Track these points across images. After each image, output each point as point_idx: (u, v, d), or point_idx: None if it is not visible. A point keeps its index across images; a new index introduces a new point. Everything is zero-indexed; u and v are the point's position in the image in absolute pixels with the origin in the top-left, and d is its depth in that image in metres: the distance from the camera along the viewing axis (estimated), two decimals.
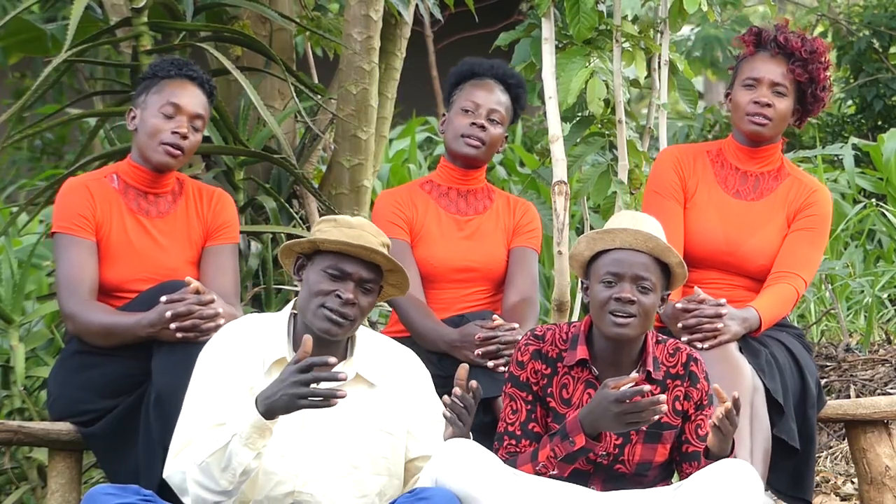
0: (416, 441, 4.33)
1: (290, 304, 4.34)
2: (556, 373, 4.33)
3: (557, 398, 4.32)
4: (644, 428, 4.27)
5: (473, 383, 4.18)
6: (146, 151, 4.93)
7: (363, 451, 4.25)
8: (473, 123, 5.10)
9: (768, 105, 4.98)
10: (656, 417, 4.11)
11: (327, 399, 3.94)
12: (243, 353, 4.26)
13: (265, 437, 4.02)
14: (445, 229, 5.16)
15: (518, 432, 4.32)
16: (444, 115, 5.24)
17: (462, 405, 4.17)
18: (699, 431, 4.33)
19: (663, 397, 4.11)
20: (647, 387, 4.13)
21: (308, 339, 3.99)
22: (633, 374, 4.20)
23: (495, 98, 5.14)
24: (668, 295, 4.35)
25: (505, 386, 4.42)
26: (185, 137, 4.89)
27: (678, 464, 4.34)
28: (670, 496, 4.20)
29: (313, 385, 3.94)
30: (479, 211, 5.22)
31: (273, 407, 3.98)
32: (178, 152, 4.90)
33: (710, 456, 4.27)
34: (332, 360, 3.95)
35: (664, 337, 4.40)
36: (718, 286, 4.99)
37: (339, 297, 4.18)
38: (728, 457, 4.27)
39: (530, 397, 4.35)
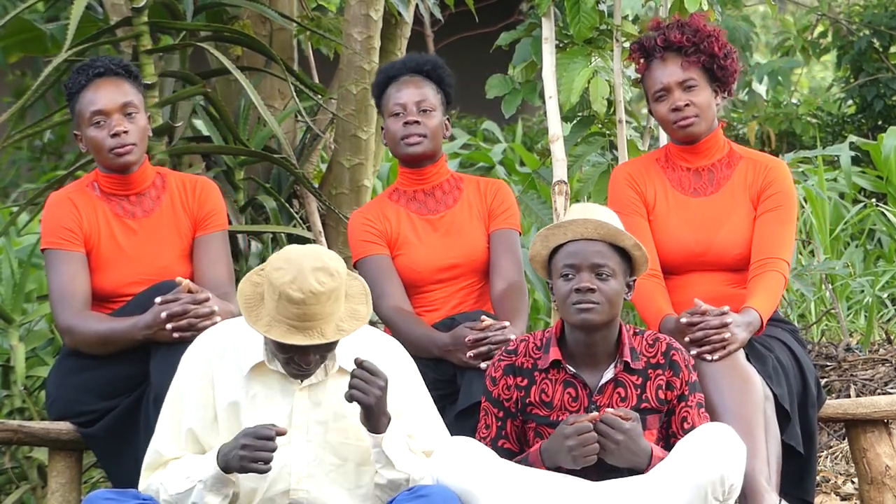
0: (403, 422, 4.31)
1: None
2: (534, 381, 4.37)
3: (538, 403, 4.37)
4: None
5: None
6: (104, 163, 4.93)
7: (350, 443, 4.26)
8: (406, 123, 5.09)
9: (686, 105, 4.97)
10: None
11: (269, 462, 4.08)
12: (219, 363, 4.28)
13: (228, 486, 4.17)
14: (421, 233, 5.14)
15: (489, 447, 4.35)
16: (382, 127, 5.22)
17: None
18: (685, 424, 4.35)
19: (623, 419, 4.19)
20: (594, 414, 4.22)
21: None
22: (593, 413, 4.24)
23: (419, 91, 5.10)
24: (634, 281, 4.37)
25: (482, 396, 4.46)
26: (125, 132, 4.87)
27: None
28: (654, 470, 4.22)
29: (258, 452, 4.06)
30: (448, 205, 5.19)
31: (229, 465, 4.12)
32: (128, 147, 4.88)
33: None
34: (283, 429, 4.10)
35: (641, 329, 4.43)
36: (702, 287, 4.97)
37: (297, 362, 4.16)
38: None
39: (501, 413, 4.40)
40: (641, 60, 5.06)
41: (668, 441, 4.37)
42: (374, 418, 4.15)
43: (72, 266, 4.87)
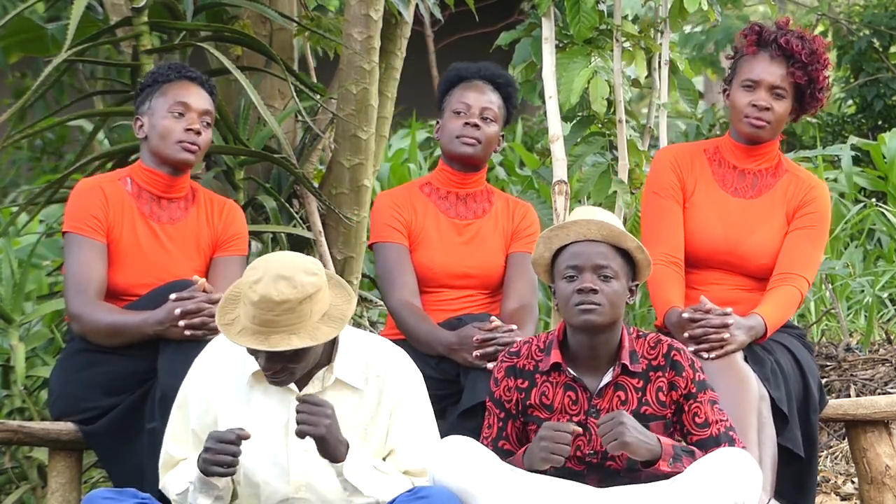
0: (390, 437, 4.31)
1: None
2: (535, 384, 4.36)
3: (539, 406, 4.36)
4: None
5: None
6: (163, 153, 4.95)
7: (348, 454, 4.23)
8: (467, 123, 5.10)
9: (767, 108, 4.96)
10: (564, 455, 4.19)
11: (232, 466, 4.08)
12: (222, 370, 4.29)
13: (213, 488, 4.18)
14: (444, 234, 5.16)
15: (490, 447, 4.35)
16: (437, 121, 5.25)
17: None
18: (696, 420, 4.33)
19: (578, 429, 4.21)
20: (574, 427, 4.21)
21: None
22: (576, 427, 4.23)
23: (486, 97, 5.15)
24: (637, 286, 4.36)
25: (487, 396, 4.47)
26: (198, 133, 4.94)
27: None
28: (666, 489, 4.21)
29: (219, 455, 4.07)
30: (478, 215, 5.22)
31: (200, 468, 4.14)
32: (196, 147, 4.95)
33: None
34: (247, 433, 4.09)
35: (645, 332, 4.42)
36: (719, 286, 4.98)
37: (262, 366, 4.15)
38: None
39: (502, 414, 4.40)
40: (753, 45, 5.03)
41: (684, 437, 4.35)
42: (331, 448, 4.13)
43: (91, 253, 4.89)
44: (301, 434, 4.10)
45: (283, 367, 4.13)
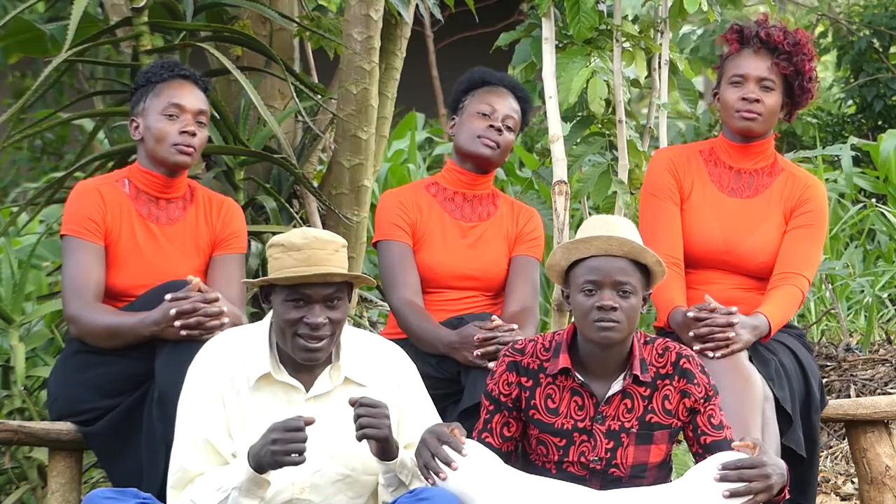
0: (404, 431, 4.32)
1: (269, 315, 4.33)
2: (539, 384, 4.33)
3: (543, 409, 4.32)
4: (635, 429, 4.27)
5: None
6: (158, 156, 4.94)
7: (356, 453, 4.25)
8: (491, 126, 5.11)
9: (757, 101, 4.98)
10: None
11: (303, 453, 4.05)
12: (226, 374, 4.27)
13: (263, 487, 4.14)
14: (449, 235, 5.15)
15: (475, 440, 4.33)
16: (452, 118, 5.24)
17: None
18: (712, 421, 4.31)
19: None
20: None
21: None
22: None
23: (510, 105, 5.19)
24: (650, 294, 4.34)
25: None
26: (193, 135, 4.93)
27: (702, 457, 4.31)
28: (668, 492, 4.20)
29: (290, 445, 4.04)
30: (483, 217, 5.22)
31: (261, 463, 4.08)
32: (191, 149, 4.93)
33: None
34: (311, 418, 4.07)
35: (652, 337, 4.39)
36: (719, 285, 4.98)
37: (307, 323, 4.17)
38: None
39: (492, 407, 4.37)
40: (735, 43, 5.06)
41: (697, 438, 4.33)
42: (390, 448, 4.15)
43: (88, 256, 4.88)
44: (363, 437, 4.09)
45: (327, 321, 4.15)
